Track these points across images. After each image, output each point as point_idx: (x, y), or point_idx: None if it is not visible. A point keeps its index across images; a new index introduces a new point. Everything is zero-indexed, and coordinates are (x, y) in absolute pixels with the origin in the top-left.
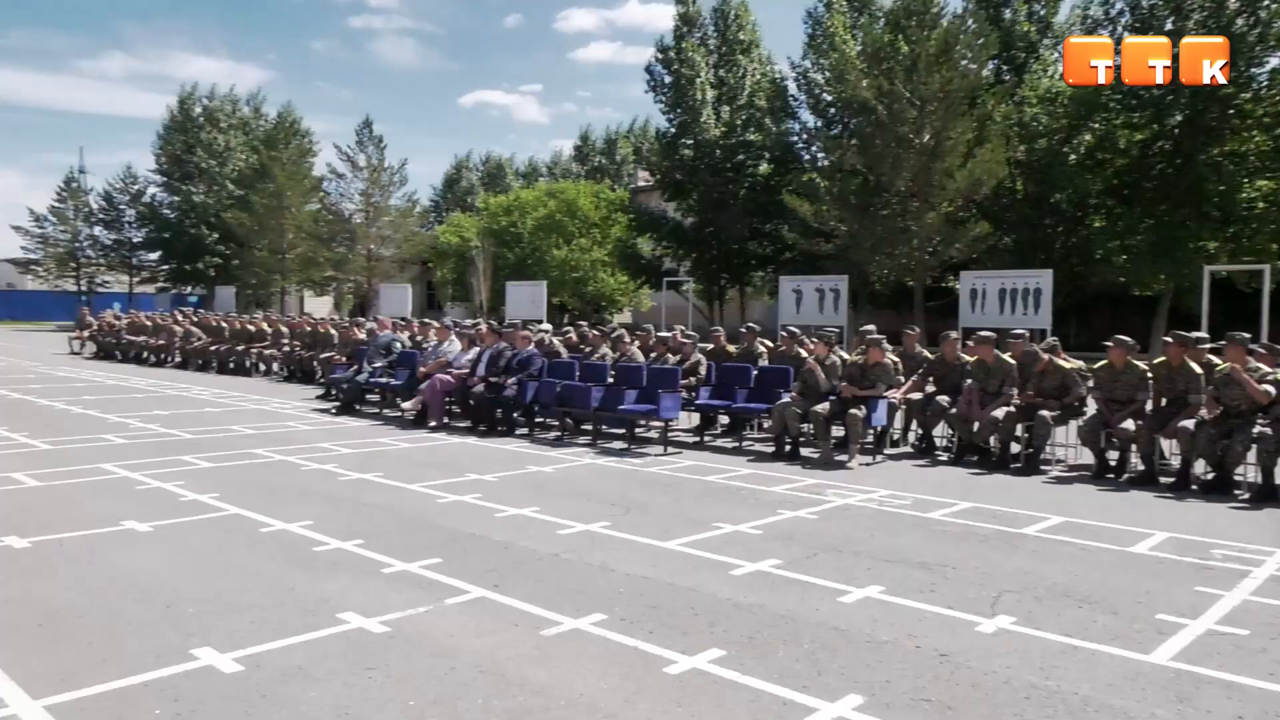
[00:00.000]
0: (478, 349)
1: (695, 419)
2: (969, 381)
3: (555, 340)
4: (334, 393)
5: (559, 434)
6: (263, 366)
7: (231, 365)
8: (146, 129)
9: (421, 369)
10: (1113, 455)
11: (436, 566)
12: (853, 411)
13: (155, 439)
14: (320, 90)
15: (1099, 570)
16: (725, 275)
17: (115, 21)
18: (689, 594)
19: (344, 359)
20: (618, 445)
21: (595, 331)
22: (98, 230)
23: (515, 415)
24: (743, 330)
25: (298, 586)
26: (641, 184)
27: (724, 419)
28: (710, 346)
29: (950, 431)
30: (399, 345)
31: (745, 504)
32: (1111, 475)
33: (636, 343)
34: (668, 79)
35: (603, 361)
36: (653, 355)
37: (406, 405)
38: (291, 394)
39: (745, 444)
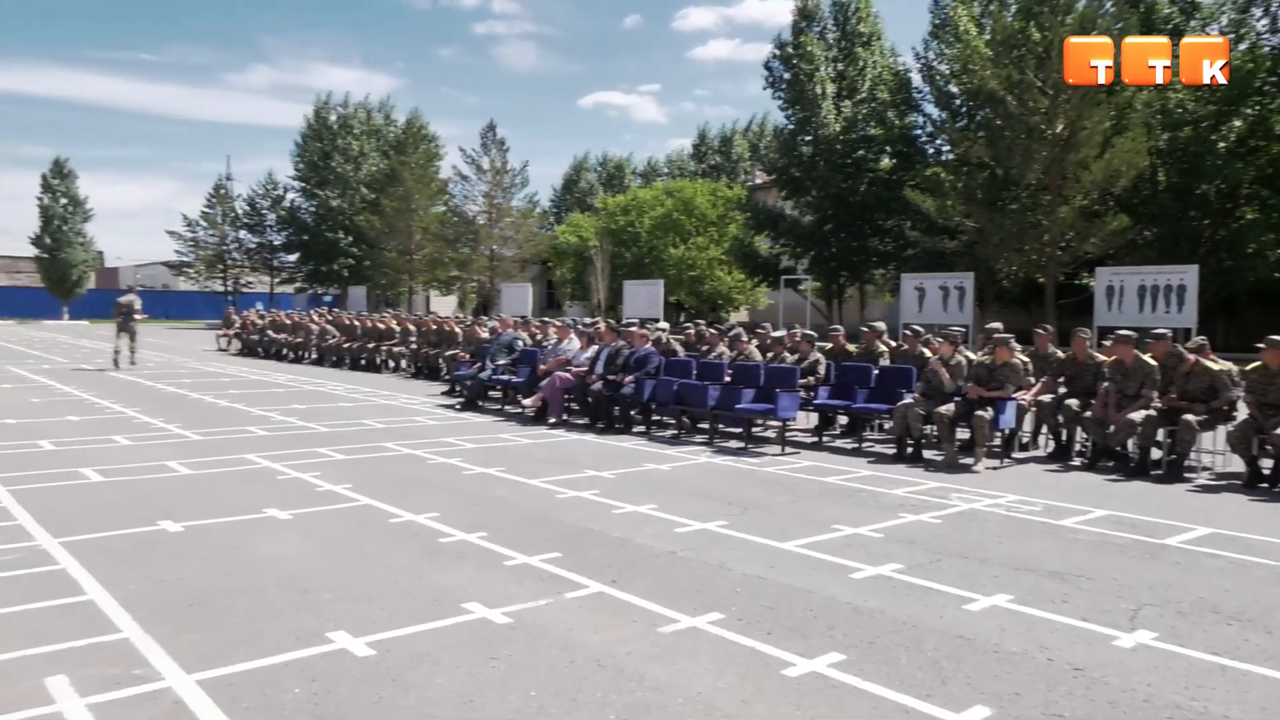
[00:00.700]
0: (596, 347)
1: (813, 419)
2: (1105, 383)
3: (672, 339)
4: (458, 389)
5: (675, 432)
6: (391, 363)
7: (363, 362)
8: (286, 137)
9: (542, 367)
10: (1266, 463)
11: (556, 561)
12: (979, 413)
13: (294, 432)
14: (446, 96)
15: (1251, 586)
16: (844, 273)
17: (259, 36)
18: (807, 596)
19: (468, 356)
20: (734, 444)
21: (712, 330)
22: (243, 234)
23: (632, 413)
24: (863, 329)
25: (425, 576)
26: (759, 182)
27: (843, 419)
28: (829, 346)
29: (1084, 436)
30: (520, 343)
31: (865, 506)
32: (1265, 484)
33: (754, 341)
34: (786, 75)
35: (720, 360)
36: (770, 354)
37: (527, 402)
38: (418, 390)
39: (865, 445)
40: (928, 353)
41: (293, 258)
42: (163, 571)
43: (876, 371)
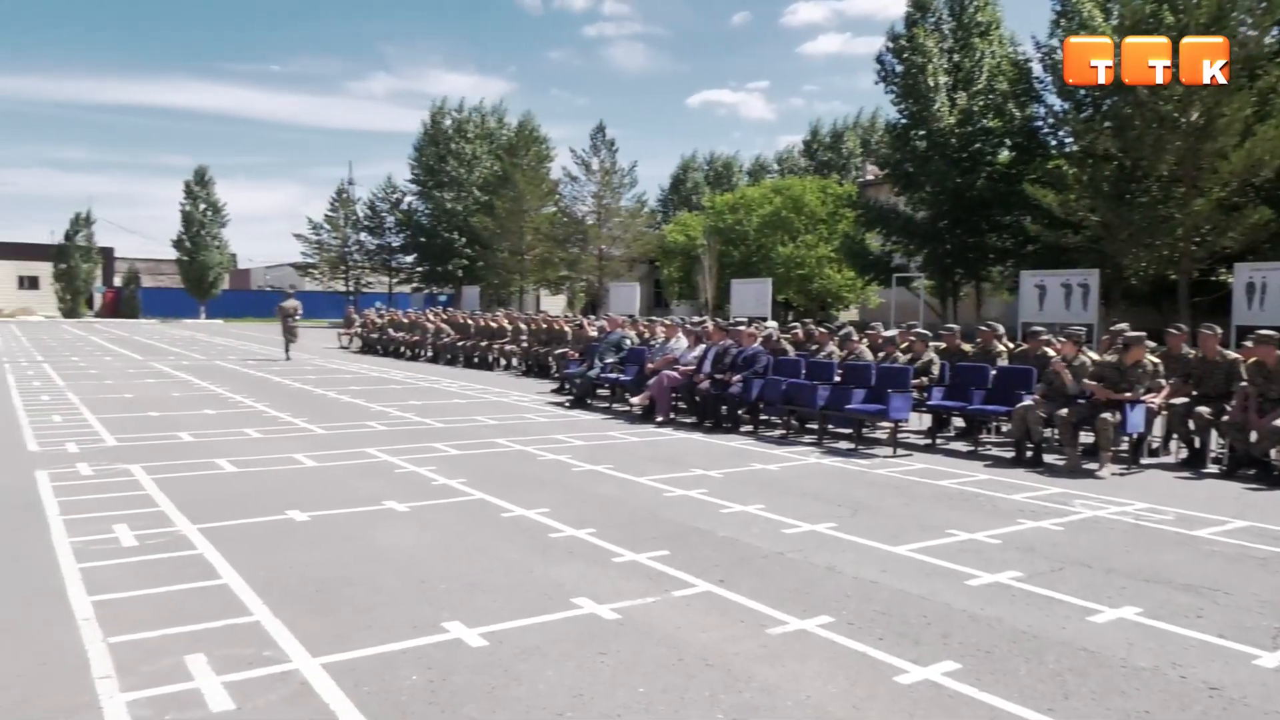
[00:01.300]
0: (704, 346)
1: (926, 420)
2: (1242, 384)
3: (781, 338)
4: (567, 387)
5: (784, 432)
6: (503, 361)
7: (476, 360)
8: (404, 142)
9: (649, 365)
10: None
11: (664, 559)
12: (1104, 416)
13: (410, 427)
14: (556, 98)
15: None
16: (960, 270)
17: (380, 45)
18: (921, 602)
19: (577, 355)
20: (844, 445)
21: (822, 329)
22: (363, 236)
23: (740, 412)
24: (980, 328)
25: (535, 570)
26: (870, 178)
27: (958, 421)
28: (943, 345)
29: (1220, 441)
30: (628, 342)
31: (981, 511)
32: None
33: (865, 341)
34: (899, 68)
35: (829, 359)
36: (881, 354)
37: (635, 400)
38: (528, 387)
39: (981, 448)
40: (1050, 353)
41: (410, 258)
42: (290, 558)
43: (994, 372)
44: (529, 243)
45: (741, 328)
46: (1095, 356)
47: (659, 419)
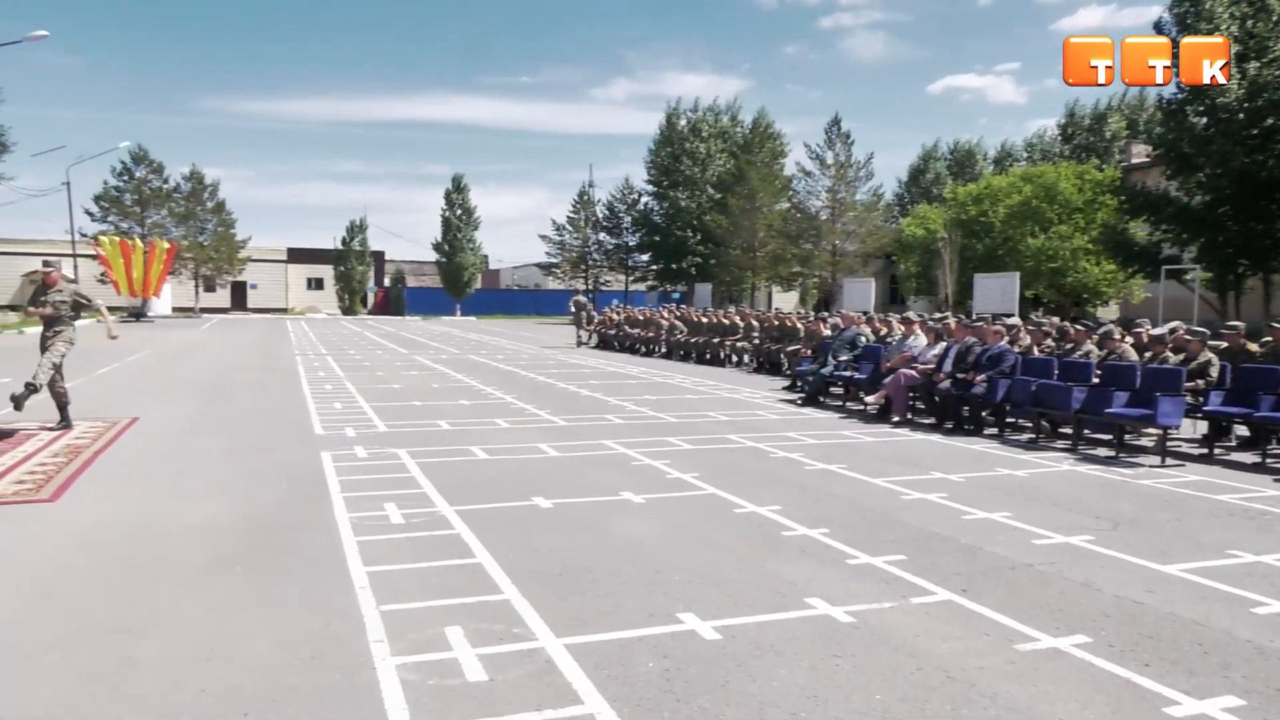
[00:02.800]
0: (944, 344)
1: (1201, 428)
2: None
3: (1030, 335)
4: (799, 384)
5: (1033, 436)
6: (735, 358)
7: (708, 356)
8: (641, 144)
9: (885, 363)
10: None
11: (901, 563)
12: None
13: (645, 421)
14: (790, 93)
15: None
16: (1244, 261)
17: (620, 52)
18: (1195, 628)
19: (809, 352)
20: (1103, 452)
21: (1078, 327)
22: (602, 236)
23: (984, 414)
24: (1270, 325)
25: (768, 567)
26: (1136, 161)
27: (1241, 430)
28: (1224, 345)
29: None
30: (863, 339)
31: (1272, 531)
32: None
33: (1128, 339)
34: (1178, 38)
35: (1086, 359)
36: (1148, 354)
37: (870, 399)
38: (760, 384)
39: (1270, 461)
40: None
41: (645, 257)
42: (535, 542)
43: None
44: (761, 239)
45: (987, 325)
46: None
47: (895, 419)
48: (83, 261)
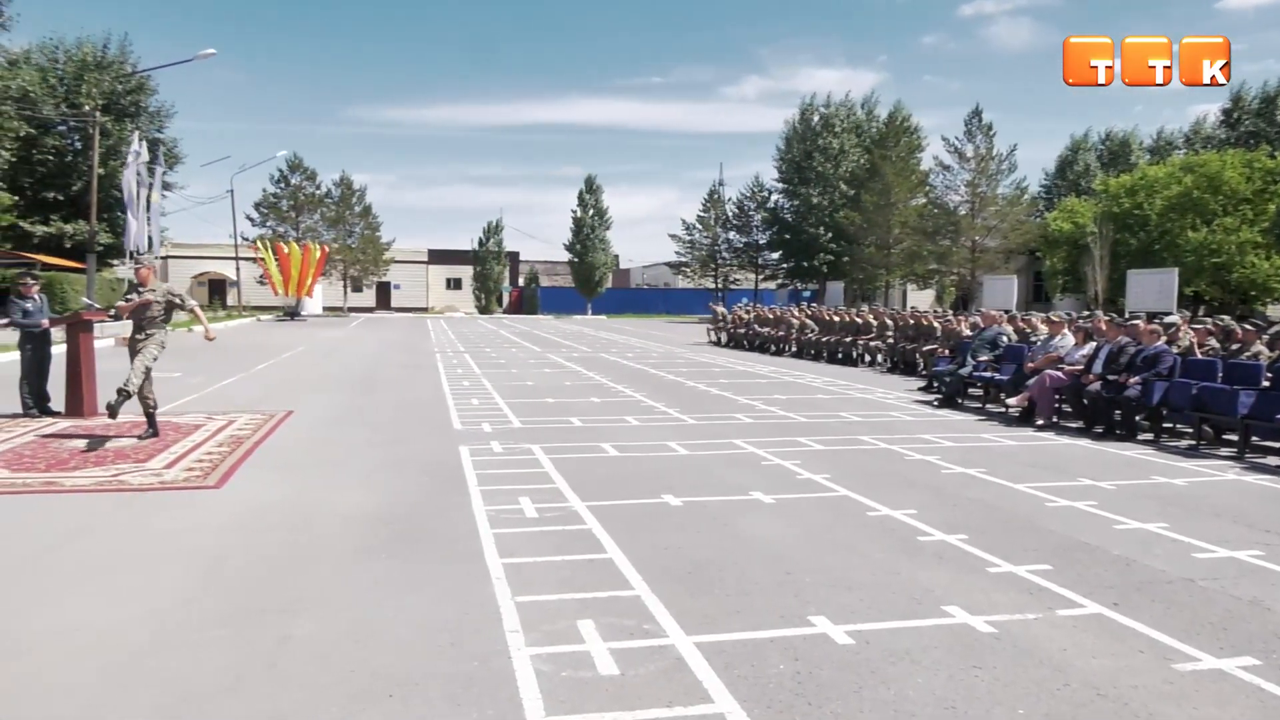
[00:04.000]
0: (1094, 343)
1: None
2: None
3: (1190, 335)
4: (936, 385)
5: (1193, 443)
6: (868, 357)
7: (840, 355)
8: (771, 142)
9: (1029, 364)
10: None
11: (1046, 573)
12: None
13: (775, 421)
14: (928, 85)
15: None
16: None
17: (753, 49)
18: None
19: (947, 352)
20: (1273, 461)
21: (1246, 326)
22: (731, 234)
23: (1138, 418)
24: None
25: (903, 572)
26: None
27: None
28: None
29: None
30: (1005, 339)
31: None
32: None
33: None
34: None
35: (1256, 361)
36: None
37: (1012, 401)
38: (894, 385)
39: None
40: None
41: (775, 255)
42: (665, 539)
43: None
44: (896, 236)
45: (1141, 324)
46: None
47: (1039, 422)
48: (244, 264)
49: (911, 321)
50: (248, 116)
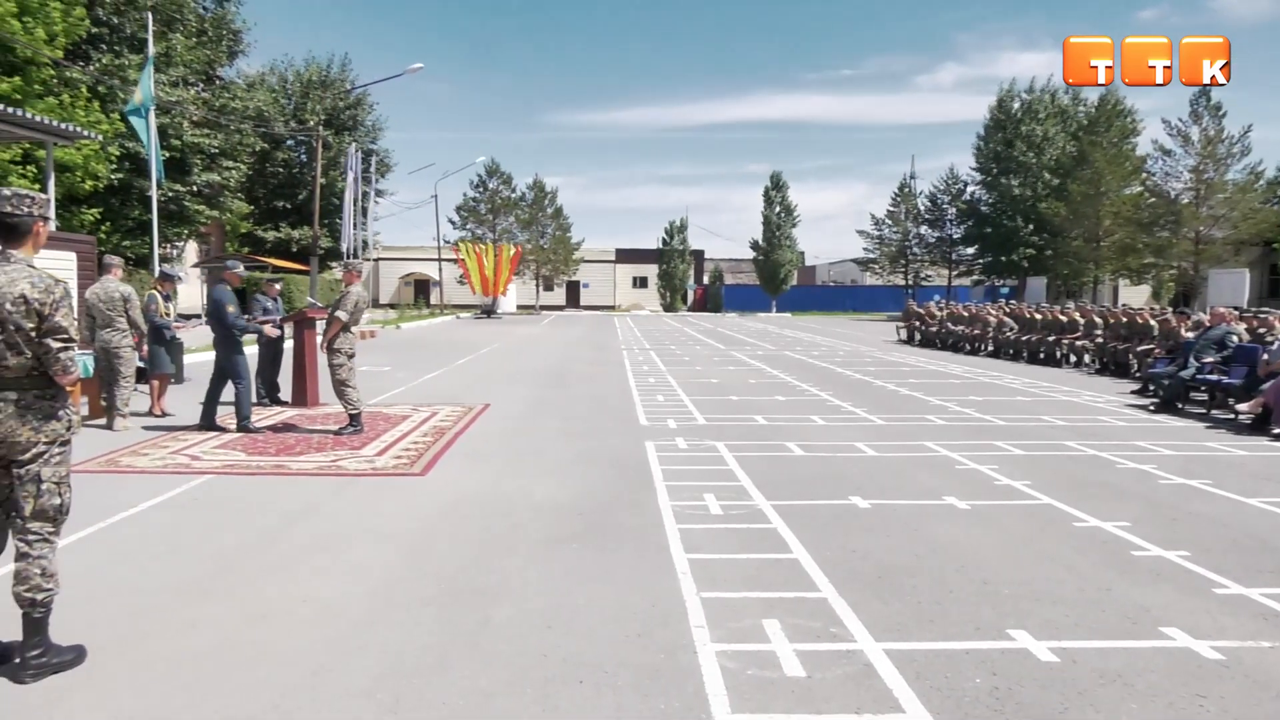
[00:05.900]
0: None
1: None
2: None
3: None
4: (1152, 388)
5: None
6: (1073, 358)
7: (1041, 355)
8: (969, 131)
9: (1265, 367)
10: None
11: None
12: None
13: (970, 423)
14: None
15: None
16: None
17: (950, 35)
18: None
19: (1165, 352)
20: None
21: None
22: (923, 229)
23: None
24: None
25: (1114, 589)
26: None
27: None
28: None
29: None
30: (1235, 338)
31: None
32: None
33: None
34: None
35: None
36: None
37: (1243, 407)
38: (1103, 387)
39: None
40: None
41: (970, 250)
42: (853, 542)
43: None
44: (1107, 228)
45: None
46: None
47: (1275, 430)
48: (445, 265)
49: (1124, 319)
50: (451, 125)
